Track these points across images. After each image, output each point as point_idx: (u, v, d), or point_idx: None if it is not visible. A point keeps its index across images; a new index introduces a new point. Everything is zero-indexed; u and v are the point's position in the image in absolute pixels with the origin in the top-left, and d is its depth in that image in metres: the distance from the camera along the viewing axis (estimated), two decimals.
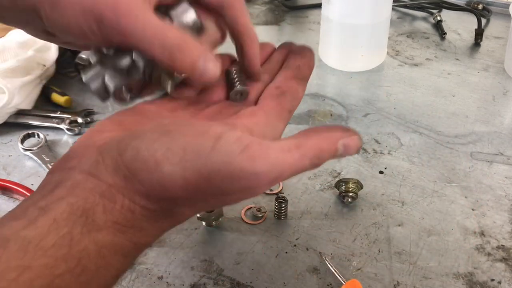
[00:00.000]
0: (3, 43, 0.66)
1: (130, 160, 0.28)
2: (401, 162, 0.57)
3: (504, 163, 0.57)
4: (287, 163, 0.28)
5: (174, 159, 0.27)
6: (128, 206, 0.28)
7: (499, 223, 0.49)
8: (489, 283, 0.44)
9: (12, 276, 0.24)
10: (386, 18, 0.71)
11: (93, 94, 0.36)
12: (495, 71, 0.73)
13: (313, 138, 0.29)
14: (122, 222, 0.28)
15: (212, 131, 0.28)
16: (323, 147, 0.29)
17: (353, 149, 0.30)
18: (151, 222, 0.29)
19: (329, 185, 0.54)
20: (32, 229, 0.25)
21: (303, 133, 0.30)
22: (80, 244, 0.26)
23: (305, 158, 0.28)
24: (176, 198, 0.28)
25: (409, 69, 0.74)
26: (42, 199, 0.27)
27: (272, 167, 0.27)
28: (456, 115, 0.64)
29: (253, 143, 0.28)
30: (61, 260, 0.25)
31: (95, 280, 0.27)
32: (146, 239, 0.30)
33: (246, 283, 0.44)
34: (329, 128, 0.31)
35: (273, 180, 0.28)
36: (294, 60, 0.41)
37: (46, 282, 0.24)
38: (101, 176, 0.28)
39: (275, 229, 0.49)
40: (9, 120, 0.62)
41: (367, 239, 0.48)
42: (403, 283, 0.44)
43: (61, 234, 0.25)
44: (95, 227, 0.27)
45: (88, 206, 0.27)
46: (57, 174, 0.29)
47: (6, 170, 0.57)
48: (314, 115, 0.65)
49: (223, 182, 0.27)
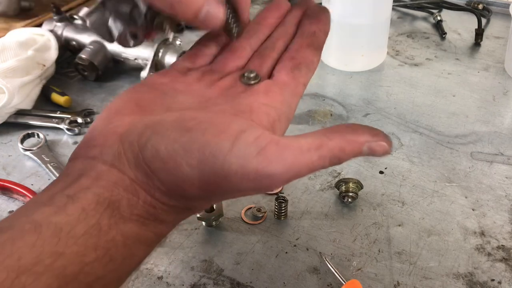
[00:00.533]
0: (3, 43, 0.66)
1: (150, 158, 0.28)
2: (401, 162, 0.57)
3: (504, 163, 0.57)
4: (304, 164, 0.28)
5: (193, 162, 0.27)
6: (150, 201, 0.29)
7: (499, 223, 0.49)
8: (489, 283, 0.44)
9: (47, 262, 0.24)
10: (386, 18, 0.71)
11: (98, 37, 0.37)
12: (495, 71, 0.73)
13: (336, 139, 0.28)
14: (145, 216, 0.29)
15: (231, 130, 0.28)
16: (346, 149, 0.28)
17: (380, 154, 0.29)
18: (172, 215, 0.30)
19: (329, 185, 0.54)
20: (63, 216, 0.26)
21: (326, 131, 0.29)
22: (108, 235, 0.27)
23: (324, 159, 0.28)
24: (195, 196, 0.29)
25: (409, 69, 0.74)
26: (69, 188, 0.28)
27: (288, 169, 0.27)
28: (456, 115, 0.64)
29: (271, 144, 0.28)
30: (91, 249, 0.26)
31: (121, 268, 0.28)
32: (167, 229, 0.31)
33: (246, 283, 0.44)
34: (355, 129, 0.29)
35: (287, 180, 0.28)
36: (310, 25, 0.40)
37: (77, 269, 0.25)
38: (124, 170, 0.29)
39: (275, 229, 0.49)
40: (9, 120, 0.62)
41: (367, 239, 0.48)
42: (403, 283, 0.44)
43: (91, 224, 0.26)
44: (121, 220, 0.28)
45: (113, 198, 0.28)
46: (79, 162, 0.30)
47: (6, 170, 0.57)
48: (314, 115, 0.65)
49: (240, 183, 0.28)
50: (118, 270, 0.28)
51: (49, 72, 0.69)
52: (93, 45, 0.70)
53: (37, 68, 0.66)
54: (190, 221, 0.49)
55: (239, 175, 0.27)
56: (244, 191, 0.29)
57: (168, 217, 0.30)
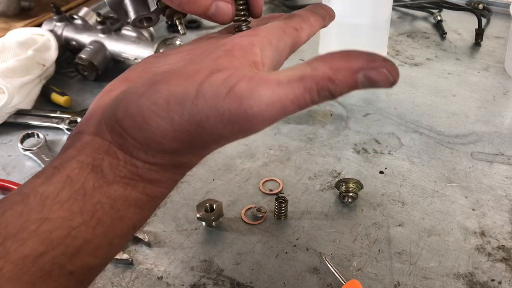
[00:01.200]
0: (2, 42, 0.66)
1: (121, 117, 0.28)
2: (402, 162, 0.57)
3: (505, 163, 0.56)
4: (287, 99, 0.25)
5: (161, 112, 0.26)
6: (130, 161, 0.28)
7: (500, 223, 0.49)
8: (489, 283, 0.43)
9: (32, 228, 0.25)
10: (386, 18, 0.71)
11: (114, 15, 0.37)
12: (495, 71, 0.73)
13: (322, 67, 0.25)
14: (129, 176, 0.28)
15: (199, 74, 0.27)
16: (337, 78, 0.25)
17: (382, 83, 0.25)
18: (160, 174, 0.29)
19: (329, 185, 0.54)
20: (49, 185, 0.27)
21: (313, 60, 0.26)
22: (93, 198, 0.27)
23: (311, 92, 0.25)
24: (174, 150, 0.28)
25: (410, 69, 0.74)
26: (56, 160, 0.29)
27: (267, 105, 0.25)
28: (456, 115, 0.64)
29: (242, 81, 0.25)
30: (76, 213, 0.26)
31: (111, 231, 0.28)
32: (161, 190, 0.30)
33: (246, 283, 0.44)
34: (347, 55, 0.25)
35: (270, 118, 0.25)
36: (315, 8, 0.39)
37: (64, 233, 0.26)
38: (103, 135, 0.29)
39: (275, 229, 0.49)
40: (8, 120, 0.62)
41: (367, 239, 0.48)
42: (403, 283, 0.44)
43: (75, 189, 0.27)
44: (105, 182, 0.28)
45: (96, 163, 0.28)
46: (70, 139, 0.30)
47: (5, 170, 0.57)
48: (314, 115, 0.65)
49: (216, 127, 0.26)
50: (108, 234, 0.27)
51: (49, 72, 0.69)
52: (93, 45, 0.70)
53: (37, 68, 0.66)
54: (190, 221, 0.50)
55: (211, 119, 0.26)
56: (227, 137, 0.27)
57: (155, 176, 0.29)
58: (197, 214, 0.48)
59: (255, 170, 0.56)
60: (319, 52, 0.75)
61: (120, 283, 0.44)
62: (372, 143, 0.60)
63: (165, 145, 0.27)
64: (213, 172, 0.55)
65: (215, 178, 0.55)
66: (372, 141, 0.60)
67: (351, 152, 0.58)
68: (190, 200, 0.52)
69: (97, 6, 0.87)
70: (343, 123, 0.63)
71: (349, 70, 0.25)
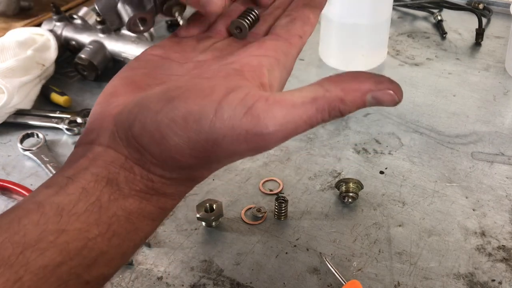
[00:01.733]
0: (2, 42, 0.66)
1: (138, 134, 0.28)
2: (402, 162, 0.57)
3: (505, 163, 0.56)
4: (300, 119, 0.26)
5: (178, 131, 0.27)
6: (147, 176, 0.29)
7: (500, 223, 0.49)
8: (489, 284, 0.43)
9: (50, 239, 0.25)
10: (387, 18, 0.71)
11: (108, 22, 0.37)
12: (495, 71, 0.73)
13: (334, 89, 0.27)
14: (145, 190, 0.29)
15: (216, 93, 0.27)
16: (347, 99, 0.27)
17: (388, 103, 0.27)
18: (174, 187, 0.30)
19: (329, 185, 0.54)
20: (64, 196, 0.27)
21: (323, 81, 0.28)
22: (109, 211, 0.27)
23: (323, 112, 0.27)
24: (190, 166, 0.29)
25: (410, 68, 0.74)
26: (68, 170, 0.29)
27: (282, 125, 0.26)
28: (456, 115, 0.64)
29: (259, 101, 0.27)
30: (93, 225, 0.27)
31: (126, 242, 0.28)
32: (173, 203, 0.31)
33: (246, 283, 0.44)
34: (356, 77, 0.27)
35: (284, 137, 0.27)
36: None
37: (81, 244, 0.26)
38: (118, 148, 0.29)
39: (275, 229, 0.49)
40: (8, 120, 0.62)
41: (368, 239, 0.48)
42: (403, 284, 0.44)
43: (91, 202, 0.27)
44: (121, 196, 0.28)
45: (111, 176, 0.28)
46: (80, 148, 0.30)
47: (5, 170, 0.57)
48: None
49: (232, 145, 0.27)
50: (123, 245, 0.28)
51: (48, 72, 0.68)
52: (92, 44, 0.70)
53: (37, 68, 0.66)
54: (190, 221, 0.49)
55: (228, 138, 0.27)
56: (241, 153, 0.28)
57: (169, 190, 0.30)
58: (197, 214, 0.48)
59: (255, 170, 0.56)
60: (320, 51, 0.75)
61: (120, 283, 0.44)
62: (372, 143, 0.59)
63: (182, 161, 0.28)
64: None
65: (215, 178, 0.55)
66: (372, 141, 0.60)
67: (351, 152, 0.58)
68: (190, 200, 0.52)
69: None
70: (343, 123, 0.63)
71: (358, 92, 0.27)
